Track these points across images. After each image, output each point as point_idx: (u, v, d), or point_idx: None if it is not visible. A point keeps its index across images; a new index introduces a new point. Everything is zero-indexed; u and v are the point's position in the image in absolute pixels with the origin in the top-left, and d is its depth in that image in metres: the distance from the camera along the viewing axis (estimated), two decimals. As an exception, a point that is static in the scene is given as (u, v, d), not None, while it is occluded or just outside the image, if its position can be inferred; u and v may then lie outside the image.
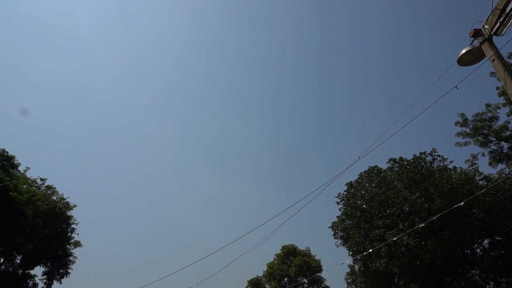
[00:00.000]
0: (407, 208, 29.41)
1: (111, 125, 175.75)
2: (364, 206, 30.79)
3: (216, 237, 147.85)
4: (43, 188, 32.83)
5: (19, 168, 31.11)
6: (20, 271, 29.58)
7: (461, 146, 29.00)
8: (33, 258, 28.93)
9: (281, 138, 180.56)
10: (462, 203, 12.65)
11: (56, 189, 33.19)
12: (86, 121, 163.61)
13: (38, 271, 44.56)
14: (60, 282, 31.42)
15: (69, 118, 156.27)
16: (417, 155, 30.25)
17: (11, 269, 29.56)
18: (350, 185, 32.71)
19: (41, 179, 33.84)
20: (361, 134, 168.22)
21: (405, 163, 30.23)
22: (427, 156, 30.18)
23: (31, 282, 29.95)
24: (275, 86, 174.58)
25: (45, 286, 30.69)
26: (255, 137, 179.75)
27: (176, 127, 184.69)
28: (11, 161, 29.48)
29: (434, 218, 18.51)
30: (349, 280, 34.44)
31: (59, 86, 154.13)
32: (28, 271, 30.18)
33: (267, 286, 50.06)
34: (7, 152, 29.26)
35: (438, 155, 30.00)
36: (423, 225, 20.34)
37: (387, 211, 28.40)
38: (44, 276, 30.87)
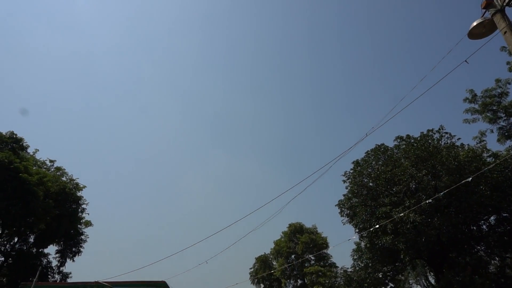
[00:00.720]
0: (413, 186, 29.42)
1: (116, 101, 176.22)
2: (371, 184, 30.86)
3: (223, 216, 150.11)
4: (52, 169, 33.32)
5: (28, 150, 31.55)
6: (34, 250, 30.46)
7: (469, 122, 28.67)
8: (46, 237, 29.70)
9: (287, 116, 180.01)
10: (470, 179, 12.60)
11: (66, 171, 33.71)
12: (89, 98, 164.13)
13: (51, 249, 45.89)
14: (73, 260, 32.39)
15: (74, 95, 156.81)
16: (425, 133, 29.99)
17: (25, 247, 30.46)
18: (356, 163, 32.69)
19: (50, 161, 34.34)
20: (368, 111, 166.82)
21: (412, 140, 30.02)
22: (434, 134, 29.92)
23: (45, 260, 30.86)
24: (283, 61, 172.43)
25: (58, 264, 31.64)
26: (261, 115, 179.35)
27: (180, 103, 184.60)
28: (20, 143, 29.86)
29: (441, 194, 18.53)
30: (355, 257, 35.00)
31: (61, 61, 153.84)
32: (42, 249, 31.07)
33: (274, 263, 51.08)
34: (16, 135, 29.60)
35: (446, 132, 29.72)
36: (430, 201, 20.38)
37: (394, 189, 28.45)
38: (57, 254, 31.79)
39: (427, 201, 20.43)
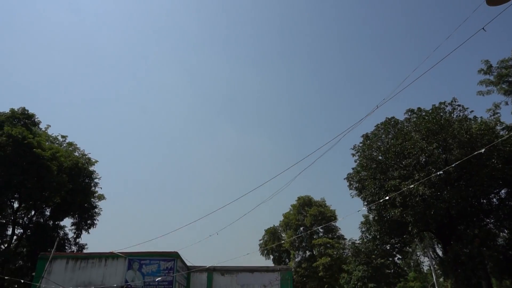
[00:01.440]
0: (423, 159, 29.23)
1: (122, 78, 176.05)
2: (380, 157, 30.75)
3: (233, 189, 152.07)
4: (64, 145, 33.82)
5: (40, 126, 31.97)
6: (51, 222, 31.47)
7: (483, 95, 28.03)
8: (61, 210, 30.56)
9: (295, 88, 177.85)
10: (483, 150, 12.38)
11: (77, 146, 34.19)
12: (96, 76, 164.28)
13: (67, 222, 47.34)
14: (88, 232, 33.43)
15: (80, 74, 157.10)
16: (436, 105, 29.43)
17: (42, 220, 31.48)
18: (366, 136, 32.47)
19: (62, 136, 34.79)
20: (380, 84, 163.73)
21: (423, 113, 29.55)
22: (446, 106, 29.36)
23: (62, 232, 31.94)
24: (289, 33, 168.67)
25: (74, 236, 32.72)
26: (269, 89, 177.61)
27: (187, 78, 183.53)
28: (32, 119, 30.22)
29: (453, 165, 18.36)
30: (363, 229, 35.40)
31: (65, 34, 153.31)
32: (58, 222, 32.07)
33: (283, 235, 52.10)
34: (27, 111, 29.90)
35: (458, 105, 29.13)
36: (441, 172, 20.25)
37: (403, 162, 28.33)
38: (73, 227, 32.79)
39: (437, 173, 20.31)
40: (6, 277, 22.72)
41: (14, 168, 24.61)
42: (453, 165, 18.67)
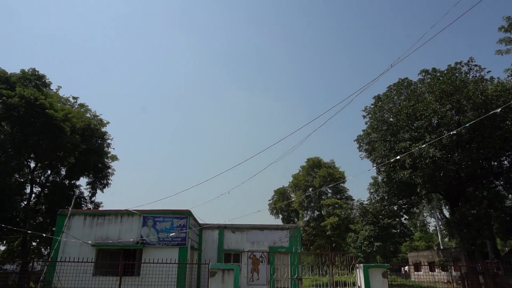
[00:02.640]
0: (435, 121, 28.85)
1: (130, 39, 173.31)
2: (391, 119, 30.43)
3: (243, 150, 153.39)
4: (76, 106, 34.05)
5: (51, 87, 32.11)
6: (67, 182, 32.47)
7: (502, 54, 26.98)
8: (76, 170, 31.38)
9: (306, 48, 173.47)
10: (499, 110, 12.11)
11: (89, 107, 34.41)
12: (105, 34, 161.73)
13: (82, 182, 48.80)
14: (102, 191, 34.54)
15: (91, 30, 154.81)
16: (452, 66, 28.53)
17: (58, 179, 32.49)
18: (377, 98, 31.97)
19: (73, 97, 34.95)
20: (394, 43, 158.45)
21: (438, 74, 28.74)
22: (462, 67, 28.44)
23: (78, 191, 33.04)
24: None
25: (90, 194, 33.86)
26: (279, 50, 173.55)
27: (195, 39, 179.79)
28: (43, 80, 30.30)
29: (467, 125, 18.12)
30: (371, 190, 35.83)
31: None
32: (74, 181, 33.08)
33: (292, 195, 53.07)
34: (38, 71, 29.91)
35: (475, 65, 28.19)
36: (453, 132, 20.04)
37: (415, 124, 28.03)
38: (88, 186, 33.82)
39: (450, 133, 20.09)
40: (29, 231, 23.92)
41: (29, 129, 25.06)
42: (467, 125, 18.41)
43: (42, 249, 34.45)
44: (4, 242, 32.94)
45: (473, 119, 22.95)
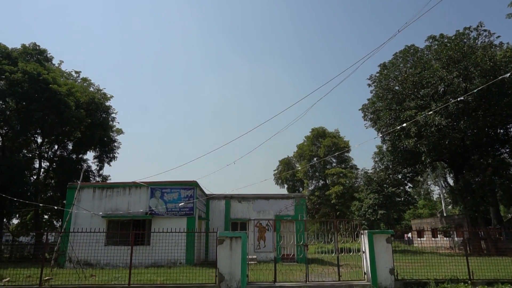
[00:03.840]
0: (442, 89, 28.45)
1: (132, 12, 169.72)
2: (397, 87, 30.05)
3: (248, 120, 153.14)
4: (79, 80, 33.92)
5: (53, 62, 31.86)
6: (74, 156, 32.90)
7: (512, 18, 26.11)
8: (82, 144, 31.72)
9: (311, 16, 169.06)
10: (508, 75, 11.83)
11: (92, 81, 34.27)
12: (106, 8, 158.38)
13: (89, 156, 49.37)
14: (110, 165, 35.06)
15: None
16: (461, 31, 27.74)
17: (65, 154, 32.92)
18: (383, 66, 31.40)
19: (76, 72, 34.76)
20: (402, 7, 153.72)
21: (446, 40, 28.01)
22: (471, 32, 27.64)
23: (85, 164, 33.52)
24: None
25: (97, 168, 34.40)
26: (283, 17, 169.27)
27: (199, 8, 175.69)
28: (44, 55, 30.03)
29: (475, 90, 17.87)
30: (376, 159, 35.95)
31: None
32: (81, 155, 33.52)
33: (297, 165, 53.46)
34: (39, 46, 29.59)
35: (484, 30, 27.36)
36: (461, 98, 19.79)
37: (421, 92, 27.69)
38: (95, 160, 34.30)
39: (457, 99, 19.82)
40: (40, 204, 24.53)
41: (34, 104, 25.14)
42: (474, 91, 18.14)
43: (54, 222, 35.47)
44: (17, 215, 33.89)
45: (481, 86, 22.62)
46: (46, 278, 11.45)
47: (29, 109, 25.20)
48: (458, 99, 19.72)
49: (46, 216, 35.27)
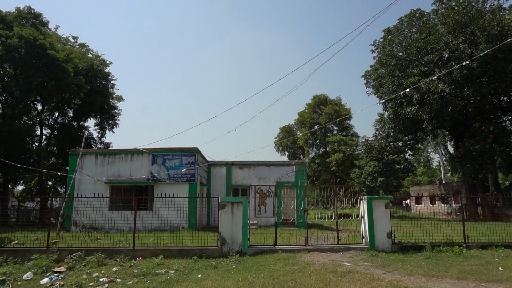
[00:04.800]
0: (446, 55, 27.91)
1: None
2: (400, 53, 29.47)
3: (249, 86, 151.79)
4: (76, 46, 33.23)
5: (49, 26, 31.07)
6: (75, 123, 32.87)
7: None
8: (83, 111, 31.60)
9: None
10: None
11: (90, 47, 33.60)
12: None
13: (90, 123, 49.36)
14: (113, 131, 35.18)
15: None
16: (469, -7, 26.79)
17: (66, 121, 32.87)
18: (387, 31, 30.63)
19: (73, 37, 34.02)
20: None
21: (453, 3, 27.11)
22: (481, -6, 26.72)
23: (86, 132, 33.58)
24: None
25: (99, 135, 34.48)
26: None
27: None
28: (40, 19, 29.24)
29: (481, 54, 17.49)
30: (377, 127, 35.91)
31: None
32: (82, 123, 33.49)
33: (298, 133, 53.43)
34: (33, 9, 28.76)
35: (495, -9, 26.43)
36: (466, 62, 19.44)
37: (425, 59, 27.18)
38: (96, 127, 34.31)
39: (463, 63, 19.45)
40: (44, 170, 24.82)
41: (32, 71, 24.79)
42: (480, 54, 17.75)
43: (58, 188, 36.05)
44: (22, 182, 34.38)
45: (486, 51, 22.16)
46: (53, 240, 11.80)
47: (28, 75, 24.89)
48: (464, 63, 19.35)
49: (50, 183, 35.80)
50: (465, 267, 8.56)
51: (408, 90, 18.69)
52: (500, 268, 8.48)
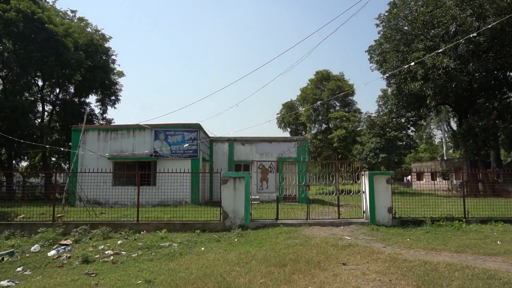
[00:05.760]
0: (453, 29, 27.30)
1: None
2: (406, 28, 28.82)
3: (251, 61, 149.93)
4: (75, 20, 32.63)
5: (47, 0, 30.42)
6: (76, 99, 32.75)
7: None
8: (84, 87, 31.41)
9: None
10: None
11: (89, 21, 32.98)
12: None
13: (92, 99, 49.24)
14: (114, 107, 35.08)
15: None
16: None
17: (67, 97, 32.73)
18: (393, 4, 29.86)
19: (72, 11, 33.37)
20: None
21: (462, -26, 26.22)
22: (491, -36, 25.77)
23: (88, 108, 33.49)
24: None
25: (101, 112, 34.42)
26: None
27: None
28: (36, -9, 28.56)
29: (490, 26, 17.10)
30: (380, 103, 35.62)
31: None
32: (83, 99, 33.36)
33: (300, 108, 53.17)
34: (29, -19, 28.02)
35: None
36: (474, 35, 19.01)
37: (431, 33, 26.60)
38: (98, 103, 34.18)
39: (470, 35, 19.01)
40: (47, 146, 24.97)
41: (31, 46, 24.48)
42: (488, 26, 17.34)
43: (62, 164, 36.35)
44: (26, 158, 34.65)
45: (494, 26, 21.62)
46: (59, 215, 12.01)
47: (27, 50, 24.58)
48: (471, 35, 18.88)
49: (53, 159, 36.07)
50: (464, 241, 8.70)
51: (412, 64, 18.24)
52: (498, 242, 8.61)
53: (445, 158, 48.23)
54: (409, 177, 45.43)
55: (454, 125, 45.98)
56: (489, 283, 5.27)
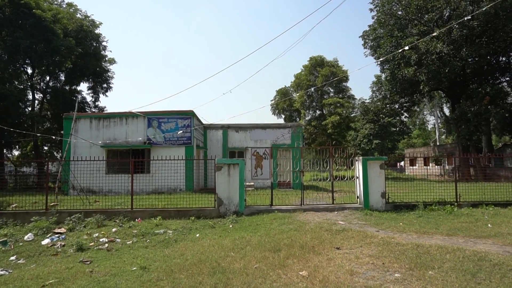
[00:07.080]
0: (447, 14, 27.17)
1: None
2: (400, 12, 28.63)
3: (244, 47, 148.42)
4: (64, 6, 31.86)
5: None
6: (67, 87, 32.23)
7: None
8: (75, 75, 30.89)
9: None
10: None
11: (78, 7, 32.23)
12: None
13: (83, 87, 48.51)
14: (106, 95, 34.68)
15: None
16: None
17: (58, 85, 32.18)
18: (387, -12, 29.53)
19: (60, -4, 32.55)
20: None
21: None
22: None
23: (79, 96, 33.01)
24: None
25: (92, 100, 33.96)
26: None
27: None
28: (23, -25, 27.78)
29: (484, 9, 17.02)
30: (374, 89, 35.61)
31: None
32: (75, 87, 32.84)
33: (294, 95, 53.02)
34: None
35: None
36: (468, 17, 18.91)
37: (425, 17, 26.47)
38: (89, 91, 33.70)
39: (465, 18, 18.94)
40: (38, 135, 24.66)
41: (19, 32, 23.92)
42: (483, 9, 17.24)
43: (54, 153, 36.01)
44: (17, 147, 34.25)
45: (488, 9, 21.52)
46: (52, 204, 11.94)
47: (15, 37, 24.03)
48: (465, 18, 18.80)
49: (45, 147, 35.70)
50: (456, 224, 8.82)
51: (406, 48, 18.19)
52: (489, 225, 8.75)
53: (437, 143, 48.67)
54: (402, 162, 45.86)
55: (447, 111, 46.27)
56: (479, 264, 5.36)
